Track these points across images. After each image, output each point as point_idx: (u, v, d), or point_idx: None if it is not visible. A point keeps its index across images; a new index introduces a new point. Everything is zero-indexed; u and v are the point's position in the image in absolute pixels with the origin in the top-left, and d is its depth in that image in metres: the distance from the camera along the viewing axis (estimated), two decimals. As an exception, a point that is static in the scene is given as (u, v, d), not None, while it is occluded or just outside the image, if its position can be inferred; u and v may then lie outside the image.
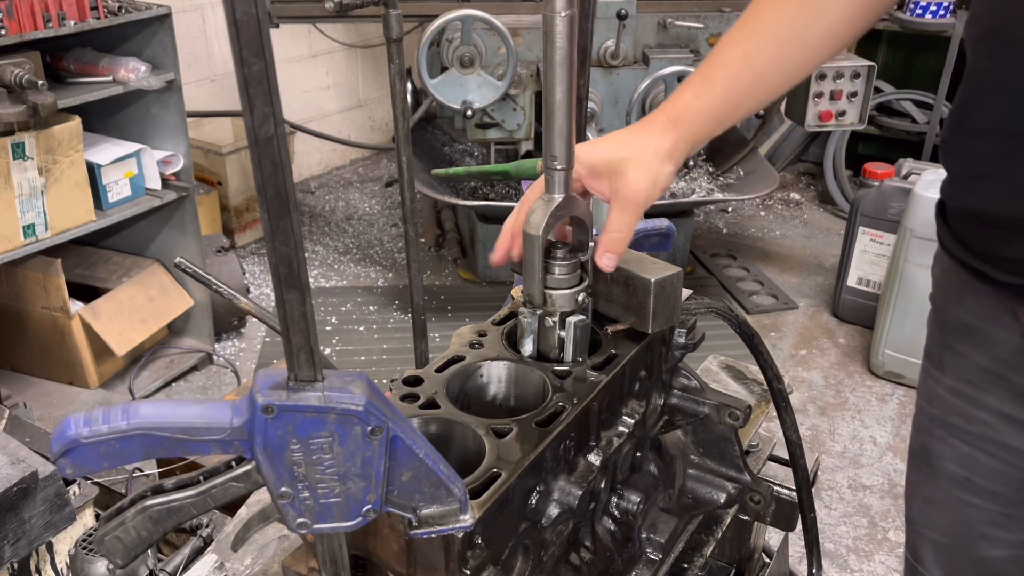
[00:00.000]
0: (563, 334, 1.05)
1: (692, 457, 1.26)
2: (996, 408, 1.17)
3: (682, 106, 1.09)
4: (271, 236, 0.62)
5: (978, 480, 1.22)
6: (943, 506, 1.28)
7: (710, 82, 1.09)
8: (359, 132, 5.82)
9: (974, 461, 1.22)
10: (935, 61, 4.95)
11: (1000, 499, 1.21)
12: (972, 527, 1.25)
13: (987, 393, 1.18)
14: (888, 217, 3.67)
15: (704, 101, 1.09)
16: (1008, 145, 1.01)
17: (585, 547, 1.05)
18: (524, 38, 3.60)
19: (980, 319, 1.16)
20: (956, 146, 1.11)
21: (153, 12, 3.08)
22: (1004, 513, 1.22)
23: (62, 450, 0.67)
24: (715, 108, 1.09)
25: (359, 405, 0.67)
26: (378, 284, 4.33)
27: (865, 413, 3.44)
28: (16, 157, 2.83)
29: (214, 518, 1.87)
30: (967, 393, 1.20)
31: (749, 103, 1.11)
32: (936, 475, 1.28)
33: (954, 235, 1.16)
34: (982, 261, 1.11)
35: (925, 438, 1.29)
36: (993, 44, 1.01)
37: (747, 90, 1.10)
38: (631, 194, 1.04)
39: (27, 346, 3.40)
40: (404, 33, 2.05)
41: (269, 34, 0.57)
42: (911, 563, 1.37)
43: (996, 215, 1.05)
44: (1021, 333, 1.10)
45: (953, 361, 1.22)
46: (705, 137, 1.11)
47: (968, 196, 1.10)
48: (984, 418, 1.19)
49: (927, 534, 1.32)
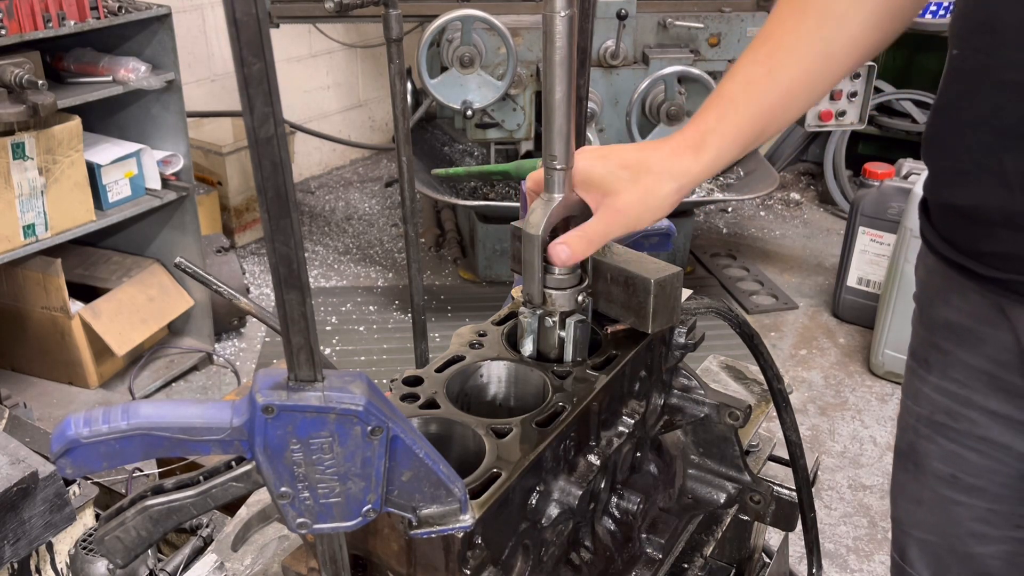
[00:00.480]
0: (563, 334, 1.05)
1: (692, 457, 1.26)
2: (982, 405, 1.17)
3: (705, 130, 1.04)
4: (271, 236, 0.62)
5: (964, 477, 1.22)
6: (930, 505, 1.28)
7: (734, 104, 1.04)
8: (359, 132, 5.82)
9: (960, 458, 1.22)
10: (935, 61, 4.95)
11: (986, 495, 1.22)
12: (959, 525, 1.25)
13: (973, 391, 1.18)
14: (888, 217, 3.67)
15: (728, 125, 1.03)
16: (995, 139, 1.00)
17: (585, 547, 1.05)
18: (524, 38, 3.60)
19: (966, 317, 1.16)
20: (941, 141, 1.10)
21: (153, 12, 3.08)
22: (991, 509, 1.22)
23: (62, 450, 0.67)
24: (740, 132, 1.04)
25: (359, 405, 0.67)
26: (378, 284, 4.33)
27: (865, 413, 3.44)
28: (16, 157, 2.83)
29: (214, 518, 1.87)
30: (953, 391, 1.20)
31: (775, 124, 1.07)
32: (922, 474, 1.28)
33: (938, 232, 1.15)
34: (967, 257, 1.10)
35: (911, 437, 1.29)
36: (982, 37, 1.01)
37: (773, 109, 1.05)
38: (616, 210, 1.02)
39: (27, 346, 3.41)
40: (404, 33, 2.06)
41: (269, 34, 0.57)
42: (898, 563, 1.37)
43: (981, 209, 1.05)
44: (1009, 329, 1.10)
45: (939, 360, 1.22)
46: (726, 163, 1.06)
47: (953, 191, 1.10)
48: (970, 415, 1.19)
49: (914, 533, 1.33)
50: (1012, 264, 1.05)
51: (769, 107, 1.05)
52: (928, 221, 1.18)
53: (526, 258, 1.03)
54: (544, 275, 1.04)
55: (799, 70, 1.05)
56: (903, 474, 1.33)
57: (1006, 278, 1.06)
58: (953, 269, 1.13)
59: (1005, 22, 0.96)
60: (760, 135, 1.06)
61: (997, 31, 0.98)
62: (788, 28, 1.06)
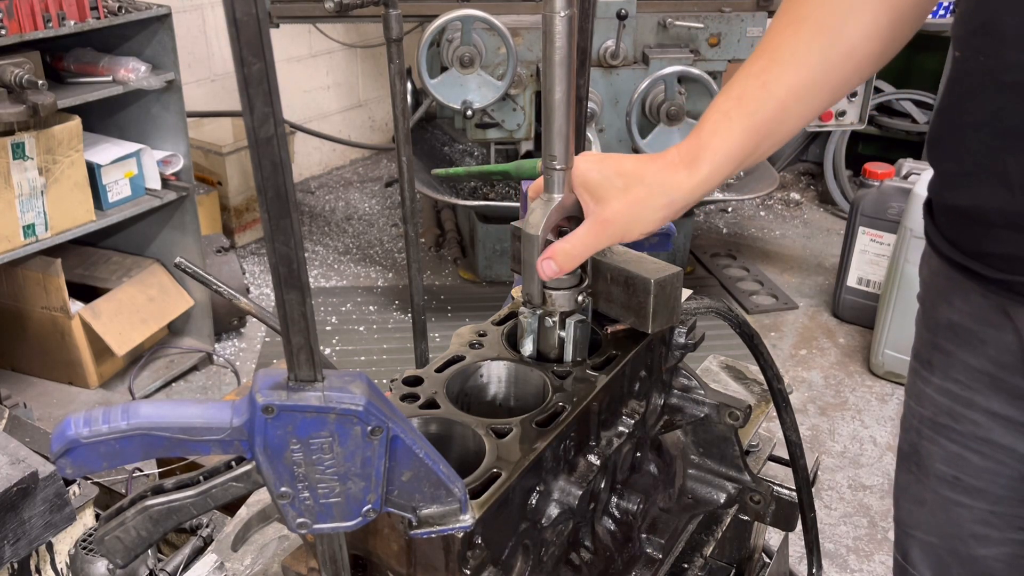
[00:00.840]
0: (563, 334, 1.05)
1: (692, 457, 1.26)
2: (985, 407, 1.17)
3: (699, 146, 1.02)
4: (271, 236, 0.62)
5: (967, 479, 1.22)
6: (932, 506, 1.28)
7: (727, 118, 1.02)
8: (359, 132, 5.82)
9: (963, 460, 1.22)
10: (935, 61, 4.95)
11: (989, 497, 1.22)
12: (961, 526, 1.25)
13: (976, 392, 1.18)
14: (888, 217, 3.67)
15: (722, 140, 1.02)
16: (998, 140, 1.00)
17: (585, 547, 1.05)
18: (524, 38, 3.60)
19: (969, 318, 1.16)
20: (945, 143, 1.10)
21: (153, 12, 3.08)
22: (993, 511, 1.22)
23: (62, 450, 0.67)
24: (735, 146, 1.02)
25: (359, 405, 0.67)
26: (378, 284, 4.33)
27: (865, 413, 3.44)
28: (16, 157, 2.83)
29: (214, 518, 1.87)
30: (956, 393, 1.20)
31: (772, 139, 1.04)
32: (925, 475, 1.28)
33: (942, 233, 1.15)
34: (970, 258, 1.10)
35: (914, 439, 1.29)
36: (983, 39, 1.01)
37: (768, 123, 1.03)
38: (603, 220, 1.01)
39: (27, 346, 3.41)
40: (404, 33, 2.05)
41: (269, 34, 0.57)
42: (901, 564, 1.37)
43: (985, 211, 1.05)
44: (1012, 331, 1.10)
45: (942, 361, 1.22)
46: (723, 178, 1.04)
47: (957, 192, 1.10)
48: (973, 417, 1.19)
49: (916, 535, 1.33)
50: (1015, 265, 1.05)
51: (764, 121, 1.02)
52: (932, 222, 1.18)
53: (526, 258, 1.03)
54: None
55: (795, 81, 1.02)
56: (905, 475, 1.33)
57: (1009, 279, 1.06)
58: (956, 270, 1.13)
59: (1006, 24, 0.97)
60: (756, 149, 1.04)
61: (998, 34, 0.98)
62: (784, 39, 1.04)
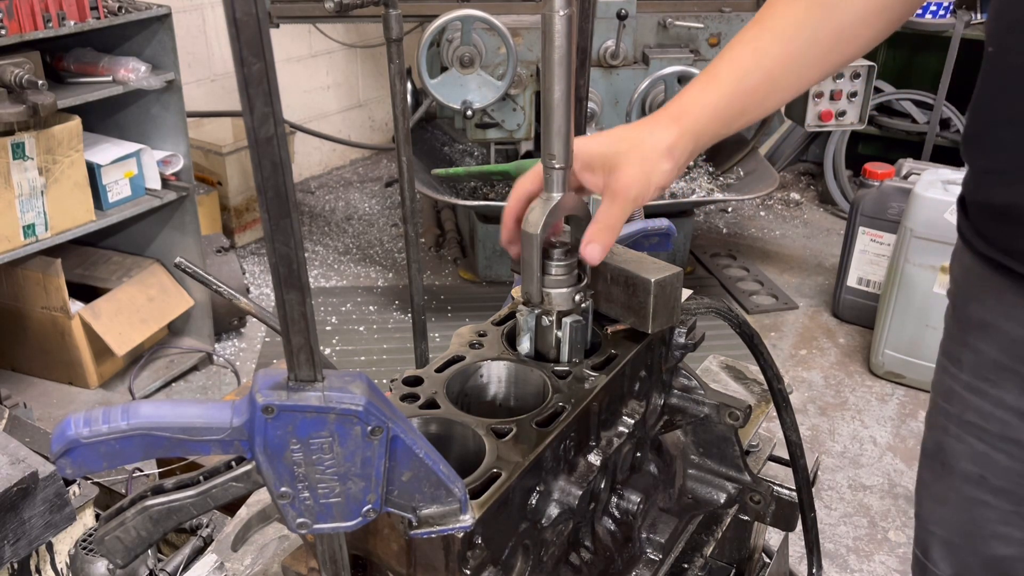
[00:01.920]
0: (559, 334, 1.05)
1: (692, 457, 1.26)
2: (1014, 406, 1.16)
3: (686, 102, 1.06)
4: (271, 236, 0.62)
5: (992, 478, 1.21)
6: (955, 504, 1.28)
7: (716, 79, 1.06)
8: (359, 132, 5.82)
9: (990, 459, 1.21)
10: (935, 61, 4.95)
11: (1013, 497, 1.21)
12: (983, 526, 1.25)
13: (1006, 391, 1.17)
14: (888, 217, 3.67)
15: (709, 98, 1.06)
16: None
17: (585, 547, 1.05)
18: (524, 38, 3.60)
19: (1002, 317, 1.15)
20: (980, 140, 1.10)
21: (153, 12, 3.08)
22: (1016, 511, 1.21)
23: (62, 450, 0.67)
24: (720, 106, 1.06)
25: (359, 405, 0.67)
26: (378, 284, 4.33)
27: (865, 413, 3.44)
28: (16, 157, 2.83)
29: (214, 518, 1.87)
30: (984, 390, 1.19)
31: (758, 104, 1.08)
32: (949, 473, 1.27)
33: (976, 230, 1.15)
34: (1004, 255, 1.10)
35: (940, 436, 1.28)
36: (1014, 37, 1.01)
37: (756, 89, 1.07)
38: (622, 188, 1.02)
39: (27, 346, 3.41)
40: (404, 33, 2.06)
41: (269, 34, 0.57)
42: (920, 561, 1.36)
43: (1020, 208, 1.05)
44: None
45: (972, 359, 1.21)
46: (710, 137, 1.07)
47: (991, 190, 1.10)
48: (1002, 416, 1.18)
49: (937, 532, 1.32)
50: None
51: (752, 87, 1.06)
52: (966, 218, 1.18)
53: (525, 257, 1.03)
54: (542, 274, 1.04)
55: (784, 53, 1.06)
56: (929, 473, 1.33)
57: None
58: (990, 267, 1.13)
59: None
60: (740, 115, 1.08)
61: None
62: (778, 11, 1.08)
